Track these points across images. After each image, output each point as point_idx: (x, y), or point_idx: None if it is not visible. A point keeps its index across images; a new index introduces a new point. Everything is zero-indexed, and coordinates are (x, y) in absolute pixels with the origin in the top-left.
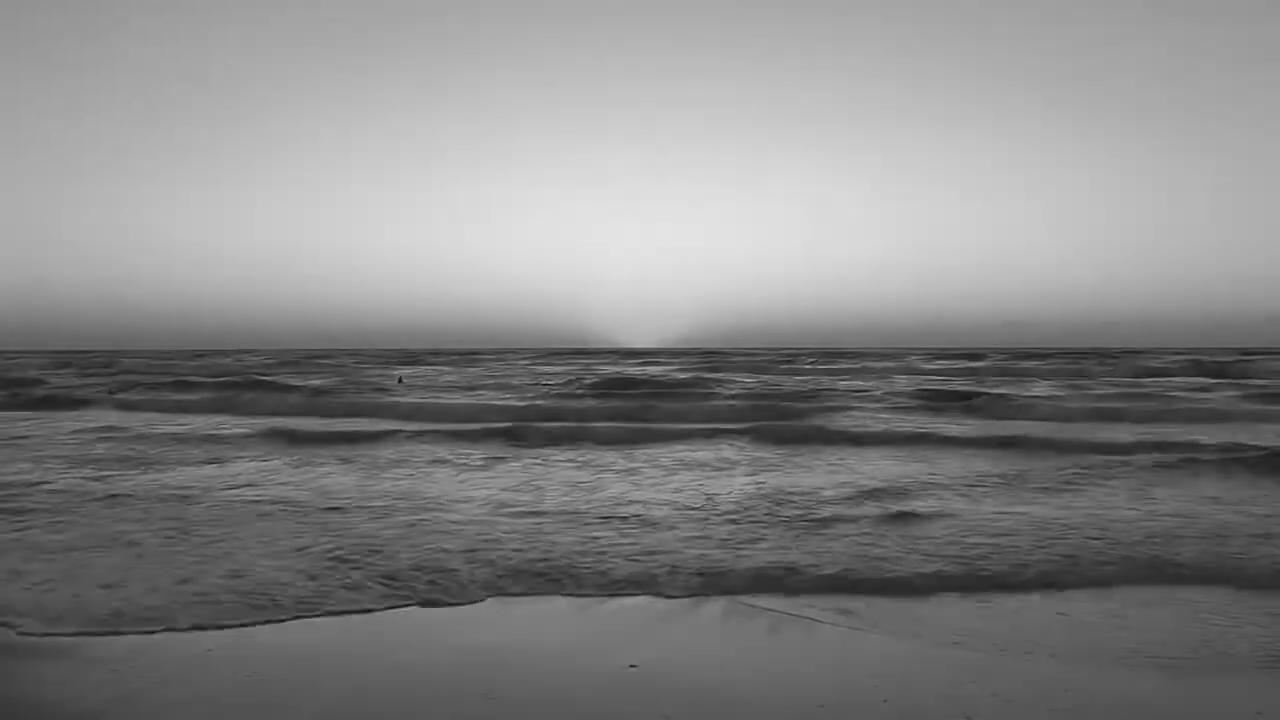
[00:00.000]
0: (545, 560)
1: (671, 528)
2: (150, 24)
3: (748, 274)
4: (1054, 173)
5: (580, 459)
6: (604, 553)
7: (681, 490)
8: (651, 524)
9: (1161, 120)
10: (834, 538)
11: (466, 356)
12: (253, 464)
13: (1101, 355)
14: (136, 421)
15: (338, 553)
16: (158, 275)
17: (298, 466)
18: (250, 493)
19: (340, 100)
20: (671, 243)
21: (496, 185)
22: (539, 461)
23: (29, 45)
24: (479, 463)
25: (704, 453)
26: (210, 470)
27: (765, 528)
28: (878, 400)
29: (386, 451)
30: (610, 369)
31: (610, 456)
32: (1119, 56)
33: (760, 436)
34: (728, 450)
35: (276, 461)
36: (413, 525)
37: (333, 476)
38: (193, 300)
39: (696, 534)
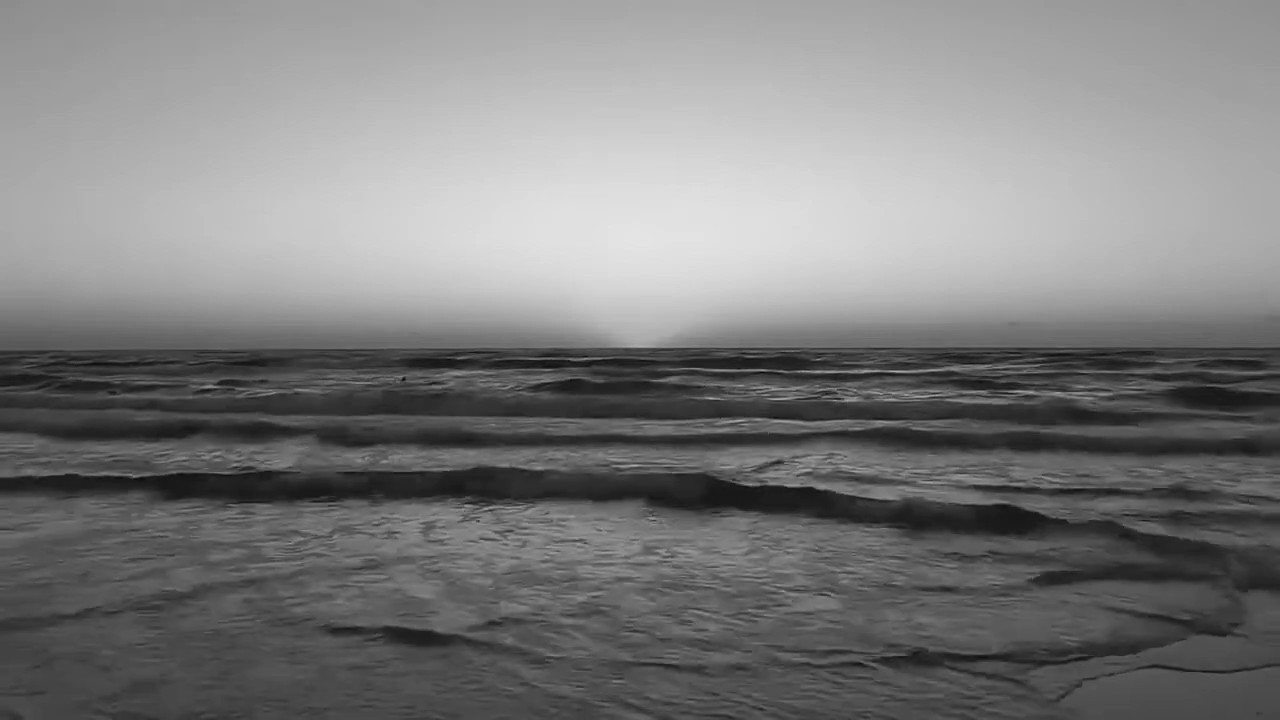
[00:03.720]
0: None
1: None
2: (155, 24)
3: (746, 274)
4: (1054, 172)
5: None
6: None
7: None
8: None
9: (1161, 119)
10: None
11: (455, 357)
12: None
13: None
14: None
15: None
16: (161, 276)
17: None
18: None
19: (340, 103)
20: (669, 243)
21: (495, 186)
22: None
23: (30, 44)
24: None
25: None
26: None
27: None
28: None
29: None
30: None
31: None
32: (1117, 55)
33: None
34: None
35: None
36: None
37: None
38: (194, 301)
39: None
